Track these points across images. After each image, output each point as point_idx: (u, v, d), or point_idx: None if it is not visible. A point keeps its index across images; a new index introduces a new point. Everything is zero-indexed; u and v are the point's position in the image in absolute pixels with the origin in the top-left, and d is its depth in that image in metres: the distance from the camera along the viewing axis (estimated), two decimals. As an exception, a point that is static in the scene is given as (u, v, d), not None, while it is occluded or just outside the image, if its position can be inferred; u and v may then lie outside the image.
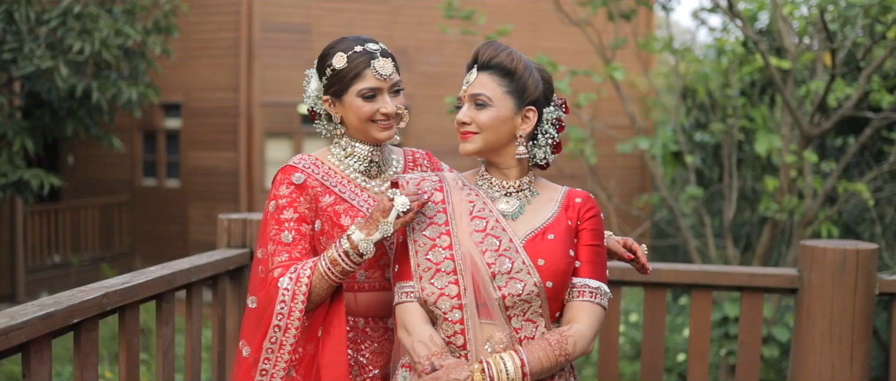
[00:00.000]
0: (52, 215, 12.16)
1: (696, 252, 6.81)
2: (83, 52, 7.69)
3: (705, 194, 7.80)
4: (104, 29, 7.71)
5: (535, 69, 2.14)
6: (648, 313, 3.26)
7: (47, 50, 7.89)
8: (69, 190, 13.25)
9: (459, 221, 2.09)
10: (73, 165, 13.62)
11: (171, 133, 12.93)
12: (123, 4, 8.58)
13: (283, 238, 2.18)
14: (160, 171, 13.06)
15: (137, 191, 13.20)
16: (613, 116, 12.04)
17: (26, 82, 8.18)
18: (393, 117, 2.26)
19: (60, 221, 12.28)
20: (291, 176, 2.24)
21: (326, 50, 2.28)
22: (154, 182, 13.19)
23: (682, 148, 7.01)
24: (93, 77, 8.24)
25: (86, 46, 7.66)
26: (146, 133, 13.10)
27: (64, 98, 8.23)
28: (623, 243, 2.36)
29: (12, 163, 7.95)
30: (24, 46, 7.81)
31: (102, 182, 13.34)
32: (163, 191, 13.03)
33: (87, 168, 13.56)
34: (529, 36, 12.29)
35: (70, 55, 7.76)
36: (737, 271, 3.23)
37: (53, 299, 2.16)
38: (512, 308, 2.04)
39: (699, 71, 7.63)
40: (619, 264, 3.32)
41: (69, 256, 12.29)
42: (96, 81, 8.20)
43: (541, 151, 2.14)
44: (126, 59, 8.66)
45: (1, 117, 7.95)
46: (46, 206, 12.24)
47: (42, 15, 7.92)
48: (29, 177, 7.92)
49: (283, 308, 2.11)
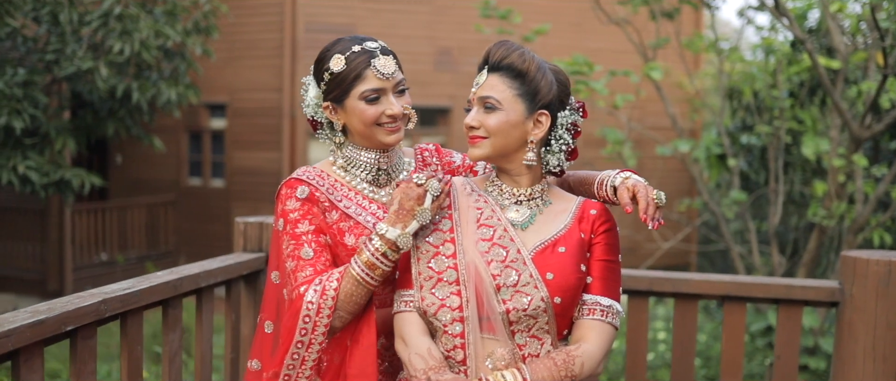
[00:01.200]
0: (99, 214, 12.34)
1: (740, 259, 6.57)
2: (123, 53, 7.76)
3: (750, 199, 7.55)
4: (144, 30, 7.76)
5: (550, 71, 2.01)
6: (678, 324, 3.10)
7: (88, 51, 7.98)
8: (117, 189, 13.45)
9: (465, 228, 1.98)
10: (122, 164, 13.83)
11: (216, 133, 13.05)
12: (165, 6, 8.64)
13: (303, 254, 2.03)
14: (205, 171, 13.19)
15: (183, 190, 13.34)
16: (658, 117, 11.79)
17: (68, 83, 8.28)
18: (400, 119, 2.12)
19: (107, 219, 12.46)
20: (296, 190, 2.11)
21: (322, 54, 2.13)
22: (199, 182, 13.32)
23: (726, 151, 6.78)
24: (134, 78, 8.30)
25: (126, 47, 7.72)
26: (192, 133, 13.24)
27: (105, 98, 8.31)
28: (633, 189, 2.03)
29: (55, 162, 8.05)
30: (67, 47, 7.91)
31: (149, 182, 13.52)
32: (207, 190, 13.15)
33: (135, 168, 13.75)
34: (572, 36, 12.12)
35: (110, 56, 7.83)
36: (773, 282, 3.06)
37: (47, 305, 2.10)
38: (516, 323, 1.92)
39: (746, 71, 7.38)
40: (647, 273, 3.18)
41: (115, 254, 12.45)
42: (136, 82, 8.26)
43: (554, 157, 2.02)
44: (166, 59, 8.72)
45: (44, 117, 8.06)
46: (94, 205, 12.43)
47: (84, 16, 8.01)
48: (70, 176, 8.01)
49: (308, 323, 1.98)
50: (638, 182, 2.04)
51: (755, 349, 6.71)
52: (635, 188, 2.01)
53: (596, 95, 6.53)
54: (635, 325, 3.12)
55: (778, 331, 3.05)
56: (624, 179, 2.06)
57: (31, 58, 8.29)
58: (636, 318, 3.12)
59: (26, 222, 11.83)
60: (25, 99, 7.74)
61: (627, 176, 2.07)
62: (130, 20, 7.84)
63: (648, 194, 1.99)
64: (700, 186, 7.07)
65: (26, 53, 8.33)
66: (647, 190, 2.00)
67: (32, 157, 7.78)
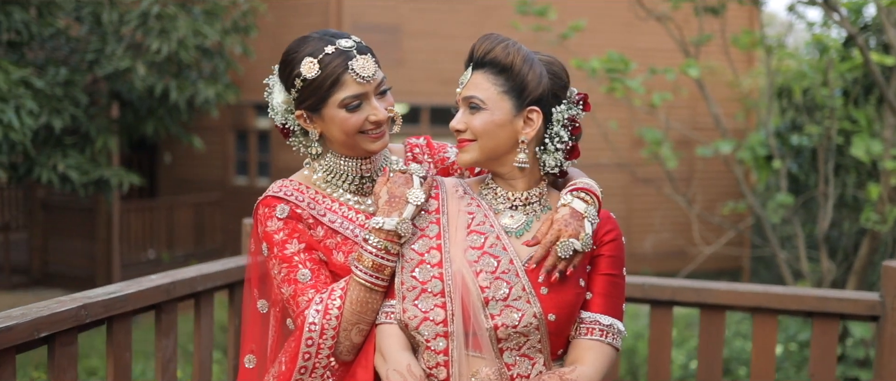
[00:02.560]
0: (147, 213, 12.50)
1: (786, 265, 6.28)
2: (160, 53, 7.80)
3: (798, 202, 7.23)
4: (182, 29, 7.79)
5: (540, 62, 1.83)
6: (704, 337, 2.91)
7: (128, 50, 8.04)
8: (165, 188, 13.61)
9: (454, 234, 1.82)
10: (170, 163, 14.00)
11: (262, 133, 13.13)
12: (204, 5, 8.67)
13: (300, 277, 1.84)
14: (251, 169, 13.28)
15: (229, 189, 13.45)
16: (707, 117, 11.46)
17: (108, 82, 8.36)
18: (385, 123, 1.94)
19: (155, 218, 12.61)
20: (275, 210, 1.92)
21: (290, 56, 1.90)
22: (245, 181, 13.42)
23: (773, 152, 6.48)
24: (173, 77, 8.35)
25: (163, 47, 7.76)
26: (238, 132, 13.34)
27: (143, 98, 8.37)
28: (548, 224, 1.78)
29: (95, 161, 8.14)
30: (107, 47, 7.98)
31: (196, 181, 13.67)
32: (254, 189, 13.22)
33: (183, 167, 13.91)
34: (622, 35, 11.87)
35: (148, 55, 7.88)
36: (806, 293, 2.85)
37: (22, 310, 2.03)
38: (505, 341, 1.76)
39: (796, 69, 7.06)
40: (670, 282, 2.99)
41: (162, 252, 12.59)
42: (175, 81, 8.31)
43: (551, 157, 1.83)
44: (206, 58, 8.75)
45: (85, 117, 8.15)
46: (142, 203, 12.60)
47: (124, 16, 8.07)
48: (109, 175, 8.08)
49: (311, 346, 1.80)
50: (561, 219, 1.77)
51: (803, 360, 6.41)
52: (552, 224, 1.77)
53: (633, 94, 6.29)
54: (658, 336, 2.94)
55: (812, 346, 2.84)
56: (564, 204, 1.81)
57: (73, 58, 8.39)
58: (659, 329, 2.94)
59: (77, 219, 12.02)
60: (66, 98, 7.83)
61: (568, 201, 1.81)
62: (169, 19, 7.87)
63: (557, 239, 1.74)
64: (743, 188, 6.79)
65: (70, 53, 8.44)
66: (561, 232, 1.75)
67: (73, 155, 7.86)
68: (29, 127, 6.83)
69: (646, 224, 12.51)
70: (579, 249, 1.76)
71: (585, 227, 1.78)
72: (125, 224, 12.00)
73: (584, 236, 1.77)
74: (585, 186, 1.85)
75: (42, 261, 12.10)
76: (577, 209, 1.80)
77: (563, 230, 1.76)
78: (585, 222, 1.79)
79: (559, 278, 1.75)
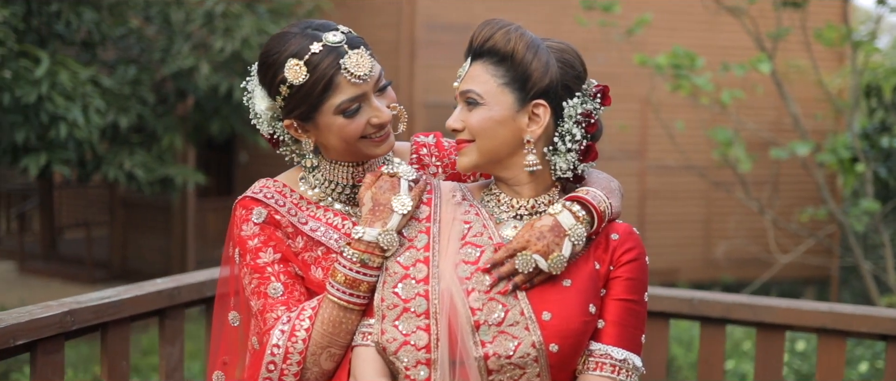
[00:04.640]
0: (222, 211, 12.66)
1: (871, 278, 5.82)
2: (224, 51, 7.81)
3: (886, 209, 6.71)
4: (246, 28, 7.79)
5: (548, 49, 1.59)
6: (761, 359, 2.62)
7: (193, 49, 8.10)
8: (242, 187, 13.75)
9: (445, 246, 1.58)
10: (246, 162, 14.16)
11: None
12: (269, 4, 8.66)
13: (271, 291, 1.64)
14: (323, 168, 13.31)
15: (301, 189, 13.52)
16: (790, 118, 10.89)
17: (173, 81, 8.45)
18: (388, 124, 1.71)
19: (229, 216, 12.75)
20: (252, 213, 1.71)
21: (271, 57, 1.65)
22: (318, 180, 13.46)
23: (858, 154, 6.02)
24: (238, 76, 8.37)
25: (227, 45, 7.77)
26: (308, 131, 13.38)
27: (209, 96, 8.41)
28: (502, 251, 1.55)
29: (160, 159, 8.22)
30: (173, 46, 8.06)
31: (271, 180, 13.78)
32: (324, 188, 13.25)
33: (259, 166, 14.02)
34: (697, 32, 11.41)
35: (212, 54, 7.91)
36: (880, 314, 2.53)
37: (2, 315, 1.91)
38: (497, 373, 1.51)
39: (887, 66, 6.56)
40: (723, 297, 2.70)
41: (235, 250, 12.75)
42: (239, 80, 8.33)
43: (562, 159, 1.59)
44: (272, 58, 8.73)
45: (151, 115, 8.24)
46: (218, 202, 12.77)
47: (190, 15, 8.14)
48: (174, 173, 8.15)
49: (273, 372, 1.59)
50: (537, 230, 1.53)
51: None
52: (528, 231, 1.54)
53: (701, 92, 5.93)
54: (707, 356, 2.66)
55: (886, 373, 2.52)
56: (551, 213, 1.56)
57: (143, 57, 8.50)
58: (709, 350, 2.66)
59: (154, 216, 12.28)
60: (133, 97, 7.92)
61: (556, 211, 1.56)
62: (234, 18, 7.88)
63: (523, 249, 1.51)
64: (824, 193, 6.33)
65: (140, 53, 8.56)
66: (529, 244, 1.51)
67: (139, 154, 7.96)
68: (95, 125, 6.92)
69: (722, 229, 11.97)
70: (545, 268, 1.52)
71: (564, 246, 1.52)
72: (201, 221, 12.20)
73: (557, 256, 1.52)
74: (586, 198, 1.58)
75: (122, 257, 12.41)
76: (560, 224, 1.54)
77: (532, 243, 1.52)
78: (566, 240, 1.53)
79: (510, 291, 1.51)
